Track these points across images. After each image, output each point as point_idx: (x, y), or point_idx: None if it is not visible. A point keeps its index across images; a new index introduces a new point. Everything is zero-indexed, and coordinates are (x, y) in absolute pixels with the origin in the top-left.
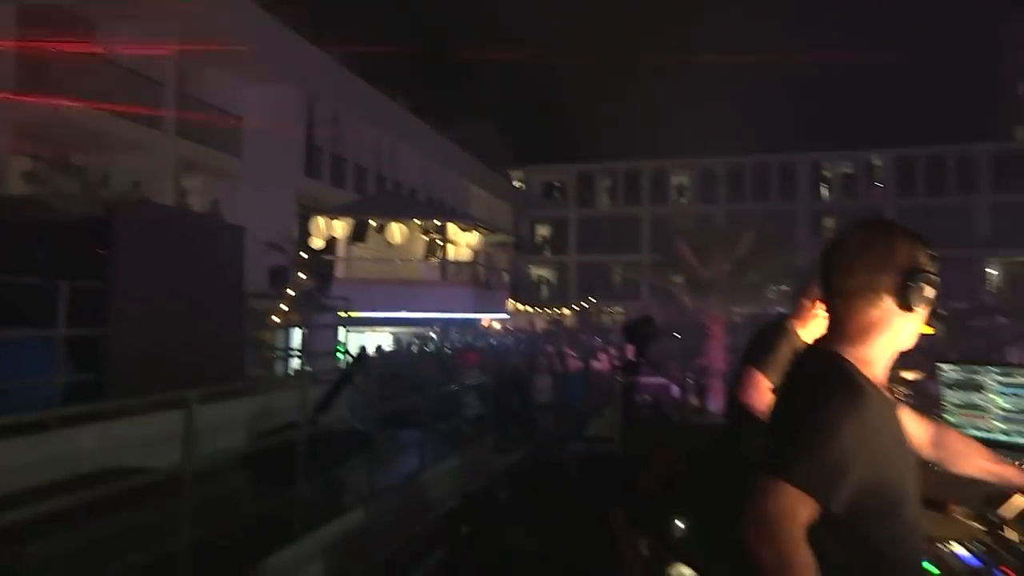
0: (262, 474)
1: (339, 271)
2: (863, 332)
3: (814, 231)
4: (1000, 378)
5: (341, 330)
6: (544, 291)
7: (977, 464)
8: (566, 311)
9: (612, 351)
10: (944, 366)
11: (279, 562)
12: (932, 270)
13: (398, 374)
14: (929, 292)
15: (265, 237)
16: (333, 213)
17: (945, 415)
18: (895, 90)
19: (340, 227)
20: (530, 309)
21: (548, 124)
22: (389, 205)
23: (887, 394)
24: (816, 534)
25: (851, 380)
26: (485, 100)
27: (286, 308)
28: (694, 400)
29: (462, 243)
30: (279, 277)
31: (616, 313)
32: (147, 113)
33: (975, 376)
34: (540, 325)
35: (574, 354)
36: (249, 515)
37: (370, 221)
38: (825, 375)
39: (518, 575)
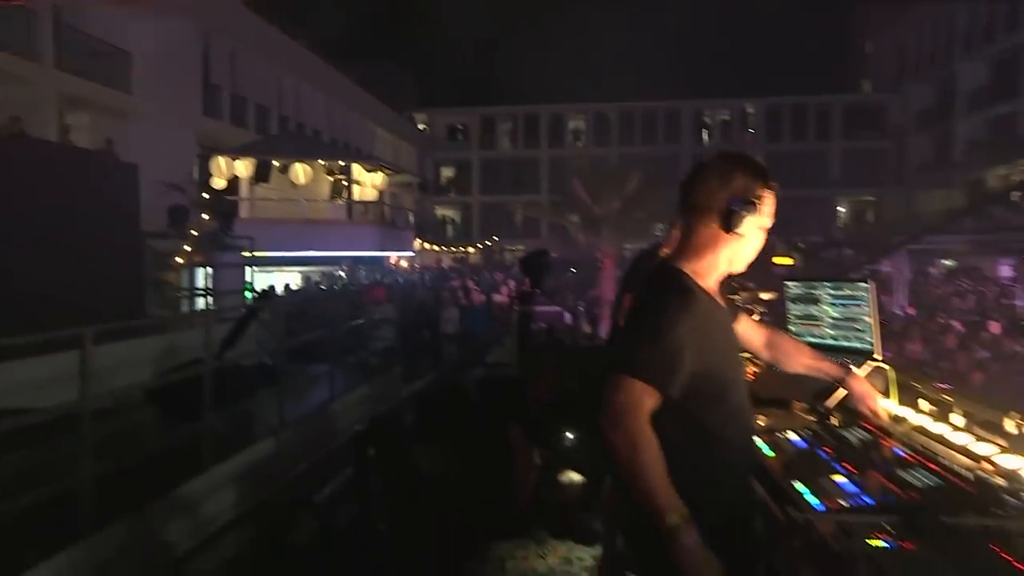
0: (168, 409)
1: (243, 211)
2: (699, 248)
3: None
4: (832, 291)
5: (248, 270)
6: (449, 230)
7: (803, 362)
8: (471, 249)
9: (513, 285)
10: (790, 283)
11: (188, 491)
12: (757, 202)
13: (305, 310)
14: (751, 221)
15: (164, 177)
16: (235, 153)
17: (789, 326)
18: (767, 44)
19: (242, 167)
20: (436, 248)
21: (452, 68)
22: (292, 145)
23: (717, 300)
24: (659, 420)
25: (685, 288)
26: (390, 43)
27: (189, 248)
28: (586, 327)
29: (367, 183)
30: (178, 217)
31: (518, 251)
32: (18, 43)
33: (813, 291)
34: (446, 263)
35: (477, 288)
36: (156, 450)
37: (273, 161)
38: (666, 285)
39: (423, 490)
